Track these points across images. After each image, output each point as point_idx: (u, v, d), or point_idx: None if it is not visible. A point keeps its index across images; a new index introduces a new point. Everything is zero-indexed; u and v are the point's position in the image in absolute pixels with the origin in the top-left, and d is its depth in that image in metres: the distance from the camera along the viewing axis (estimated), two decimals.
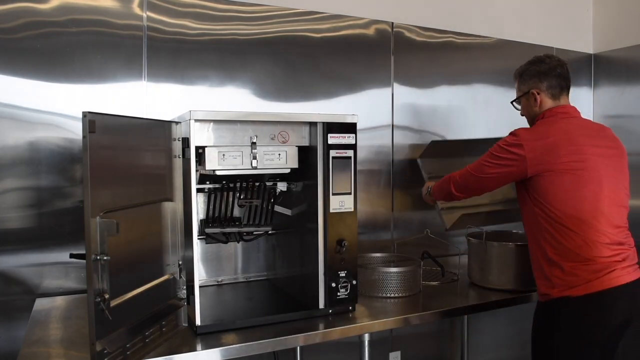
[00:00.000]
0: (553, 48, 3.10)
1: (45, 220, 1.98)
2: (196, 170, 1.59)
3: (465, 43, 2.83)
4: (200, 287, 1.65)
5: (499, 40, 2.93)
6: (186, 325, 1.68)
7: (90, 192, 1.28)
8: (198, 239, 1.89)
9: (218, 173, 1.70)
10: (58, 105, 1.99)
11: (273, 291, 2.09)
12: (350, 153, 1.76)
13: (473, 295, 2.10)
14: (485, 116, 2.87)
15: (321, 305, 1.76)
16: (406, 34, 2.66)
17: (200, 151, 1.66)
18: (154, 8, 2.13)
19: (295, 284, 1.97)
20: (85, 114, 1.28)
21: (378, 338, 2.47)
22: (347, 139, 1.75)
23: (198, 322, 1.59)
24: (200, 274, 2.13)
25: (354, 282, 1.79)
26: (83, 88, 2.02)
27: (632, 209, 1.83)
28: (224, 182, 1.92)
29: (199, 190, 1.87)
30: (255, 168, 1.71)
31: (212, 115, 1.65)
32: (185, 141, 1.61)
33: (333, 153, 1.73)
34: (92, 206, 1.29)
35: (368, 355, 1.89)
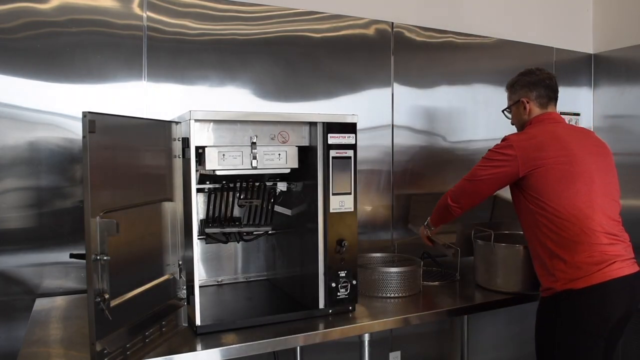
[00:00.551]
0: (553, 48, 3.10)
1: (45, 220, 1.98)
2: (196, 170, 1.59)
3: (465, 43, 2.83)
4: (200, 287, 1.65)
5: (499, 40, 2.93)
6: (186, 325, 1.68)
7: (90, 192, 1.28)
8: (198, 239, 1.89)
9: (218, 173, 1.70)
10: (58, 105, 1.99)
11: (273, 291, 2.09)
12: (350, 153, 1.76)
13: (476, 296, 2.09)
14: (485, 116, 2.87)
15: (321, 305, 1.76)
16: (406, 34, 2.66)
17: (200, 151, 1.66)
18: (154, 8, 2.13)
19: (295, 284, 1.97)
20: (85, 114, 1.28)
21: (378, 338, 2.47)
22: (347, 139, 1.75)
23: (198, 322, 1.59)
24: (200, 274, 2.13)
25: (354, 282, 1.79)
26: (83, 88, 2.02)
27: (632, 208, 1.84)
28: (224, 182, 1.92)
29: (199, 190, 1.87)
30: (255, 168, 1.71)
31: (212, 115, 1.65)
32: (185, 141, 1.61)
33: (333, 153, 1.73)
34: (92, 206, 1.29)
35: (368, 355, 1.89)
